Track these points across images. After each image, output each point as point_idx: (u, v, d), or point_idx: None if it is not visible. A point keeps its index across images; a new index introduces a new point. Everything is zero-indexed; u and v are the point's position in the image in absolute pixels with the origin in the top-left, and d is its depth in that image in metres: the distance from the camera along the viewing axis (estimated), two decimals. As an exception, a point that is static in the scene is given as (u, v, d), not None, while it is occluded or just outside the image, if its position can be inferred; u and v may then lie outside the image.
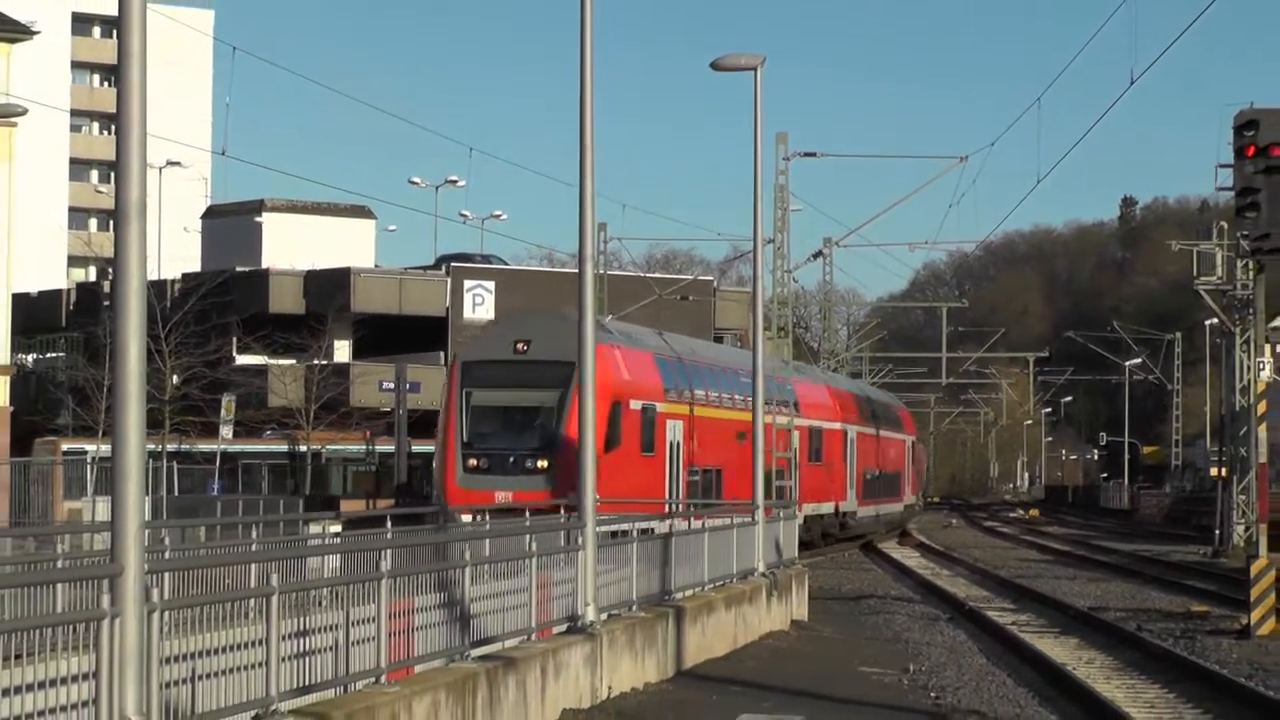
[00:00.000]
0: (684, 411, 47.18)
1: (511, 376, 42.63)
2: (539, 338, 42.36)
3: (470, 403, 42.29)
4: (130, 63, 12.69)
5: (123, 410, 12.52)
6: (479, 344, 46.33)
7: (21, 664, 11.54)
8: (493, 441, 42.02)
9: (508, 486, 40.53)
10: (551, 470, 40.50)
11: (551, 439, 41.08)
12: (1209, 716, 24.12)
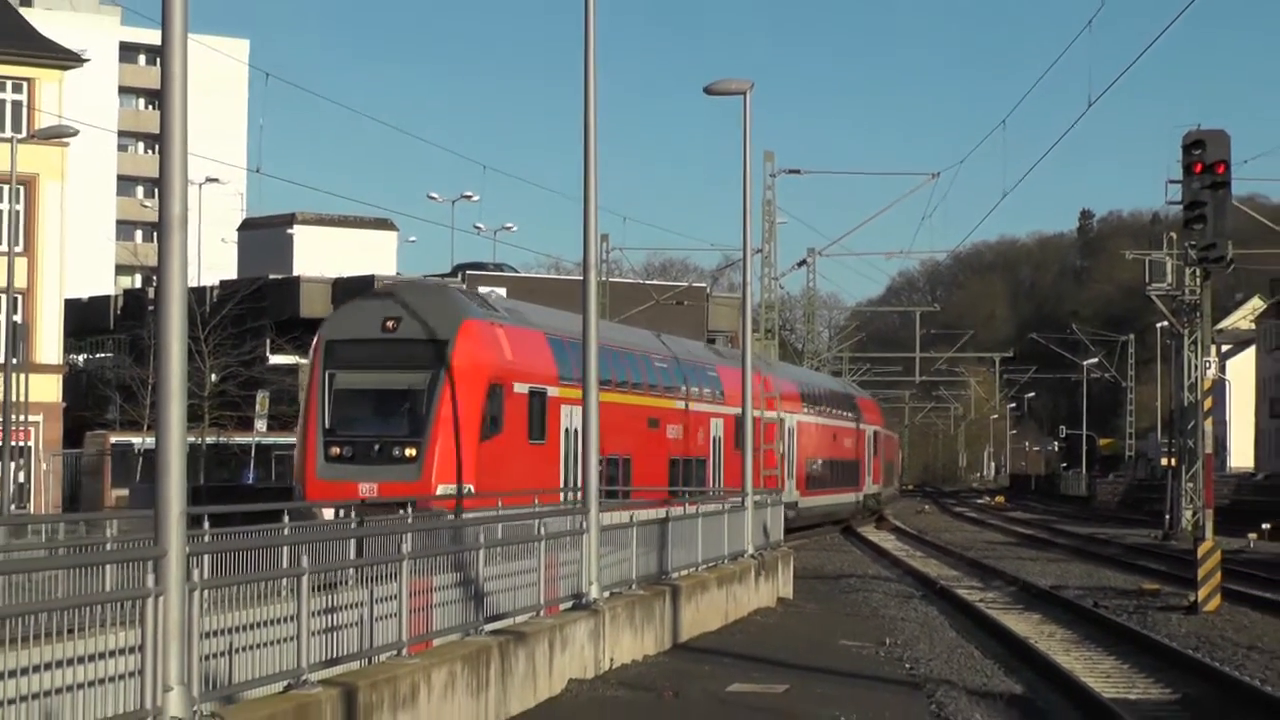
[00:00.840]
0: (580, 397, 40.49)
1: (378, 356, 35.84)
2: (410, 314, 35.67)
3: (333, 386, 35.67)
4: (172, 88, 12.71)
5: (165, 405, 12.54)
6: (344, 320, 38.17)
7: (74, 638, 11.54)
8: (357, 428, 35.20)
9: (372, 477, 34.02)
10: (420, 459, 34.24)
11: (420, 425, 34.62)
12: (1160, 685, 24.11)
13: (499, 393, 35.70)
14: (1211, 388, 48.53)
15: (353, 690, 14.84)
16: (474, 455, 34.06)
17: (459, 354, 34.56)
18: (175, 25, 12.72)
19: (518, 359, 37.05)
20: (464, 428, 34.20)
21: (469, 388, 34.51)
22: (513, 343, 36.95)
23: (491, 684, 18.26)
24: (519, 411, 36.71)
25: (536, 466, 36.64)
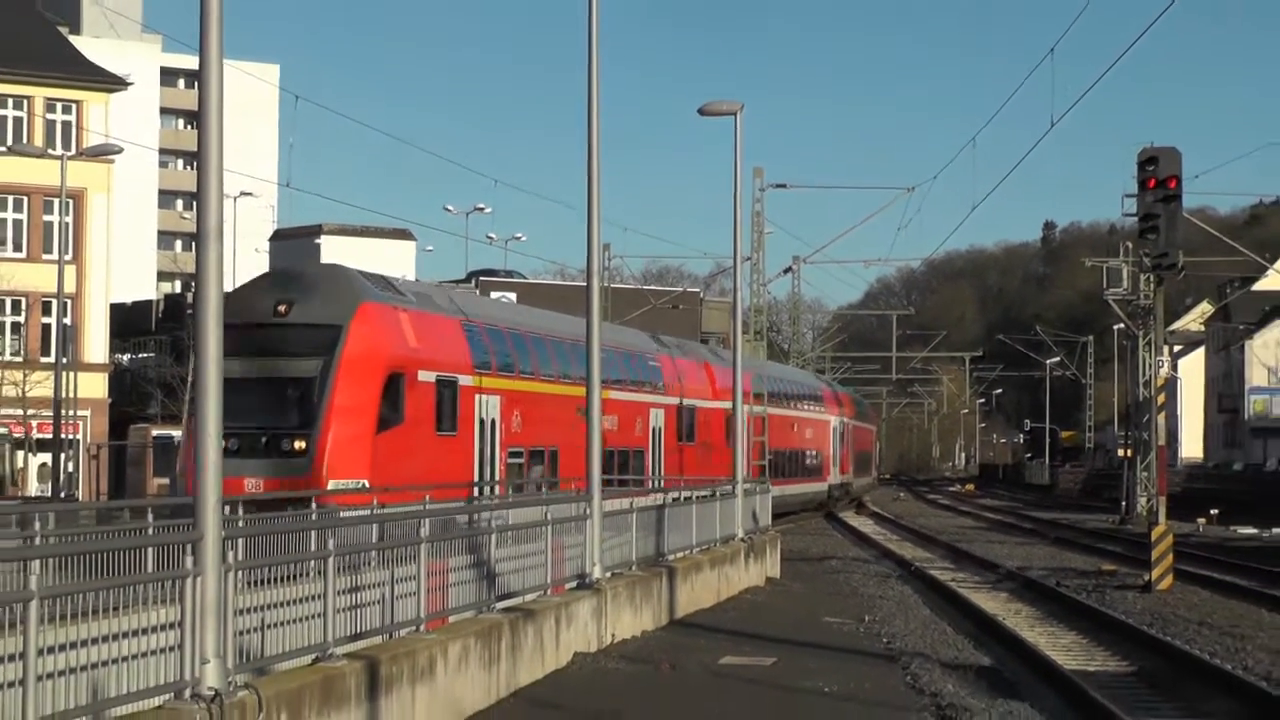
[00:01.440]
0: (502, 386, 35.33)
1: (269, 342, 30.95)
2: (303, 297, 31.32)
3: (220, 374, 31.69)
4: (209, 110, 12.72)
5: (203, 401, 12.57)
6: (234, 304, 30.91)
7: (119, 615, 11.55)
8: (244, 419, 29.31)
9: (258, 472, 29.48)
10: (310, 452, 29.68)
11: (311, 415, 30.07)
12: (1117, 658, 24.12)
13: (399, 381, 31.26)
14: (1164, 385, 48.61)
15: (375, 663, 14.86)
16: (369, 447, 30.22)
17: (354, 339, 30.48)
18: (211, 52, 12.73)
19: (424, 345, 32.83)
20: (359, 418, 30.27)
21: (365, 375, 30.53)
22: (418, 328, 32.75)
23: (502, 657, 18.28)
24: (424, 401, 32.47)
25: (445, 459, 32.27)
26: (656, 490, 35.60)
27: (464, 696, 16.97)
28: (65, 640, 10.71)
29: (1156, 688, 21.08)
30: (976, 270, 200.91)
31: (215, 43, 12.72)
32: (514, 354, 36.63)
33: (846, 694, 19.48)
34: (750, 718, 17.60)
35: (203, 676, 11.88)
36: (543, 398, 37.38)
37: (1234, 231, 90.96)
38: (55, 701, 10.44)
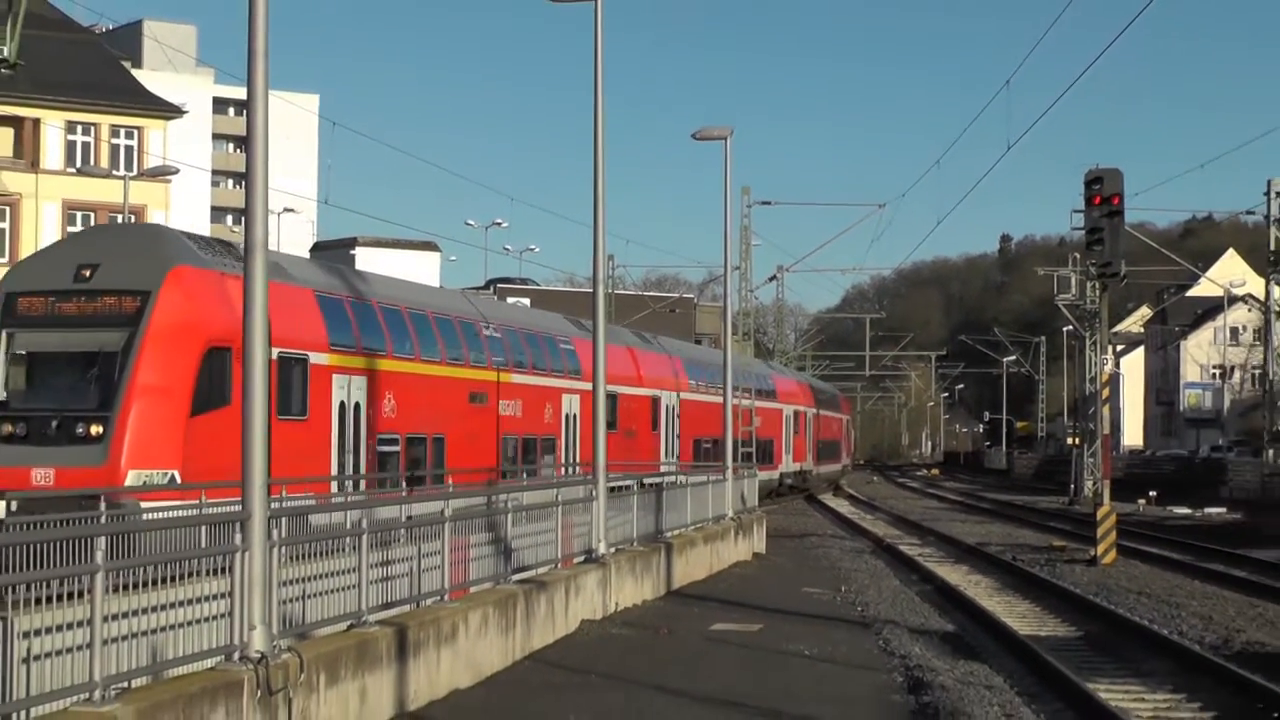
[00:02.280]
0: (370, 366, 28.30)
1: (67, 312, 24.51)
2: (110, 260, 24.65)
3: (10, 348, 24.35)
4: (255, 135, 12.72)
5: (250, 395, 12.55)
6: (31, 269, 26.22)
7: (176, 585, 11.56)
8: (37, 400, 24.09)
9: (48, 461, 23.13)
10: (107, 439, 23.10)
11: (110, 396, 23.44)
12: (1066, 624, 24.15)
13: (223, 357, 24.04)
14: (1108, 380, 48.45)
15: (404, 629, 14.86)
16: (180, 433, 23.64)
17: (164, 307, 23.85)
18: (258, 84, 12.74)
19: None
20: (168, 399, 23.77)
21: (176, 349, 24.00)
22: None
23: (518, 624, 18.28)
24: None
25: (290, 447, 24.40)
26: (575, 481, 30.49)
27: (483, 659, 16.98)
28: (128, 608, 10.72)
29: (1101, 650, 21.12)
30: (941, 278, 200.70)
31: (261, 76, 12.73)
32: (388, 332, 29.65)
33: (825, 656, 19.49)
34: (739, 678, 17.60)
35: (250, 641, 11.89)
36: (424, 381, 30.57)
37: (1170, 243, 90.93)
38: (119, 662, 10.45)
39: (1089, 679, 17.78)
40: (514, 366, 34.71)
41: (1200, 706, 16.65)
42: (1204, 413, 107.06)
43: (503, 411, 33.04)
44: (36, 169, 57.68)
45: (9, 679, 9.63)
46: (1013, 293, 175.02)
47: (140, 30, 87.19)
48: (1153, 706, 16.77)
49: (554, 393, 37.43)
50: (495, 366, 33.40)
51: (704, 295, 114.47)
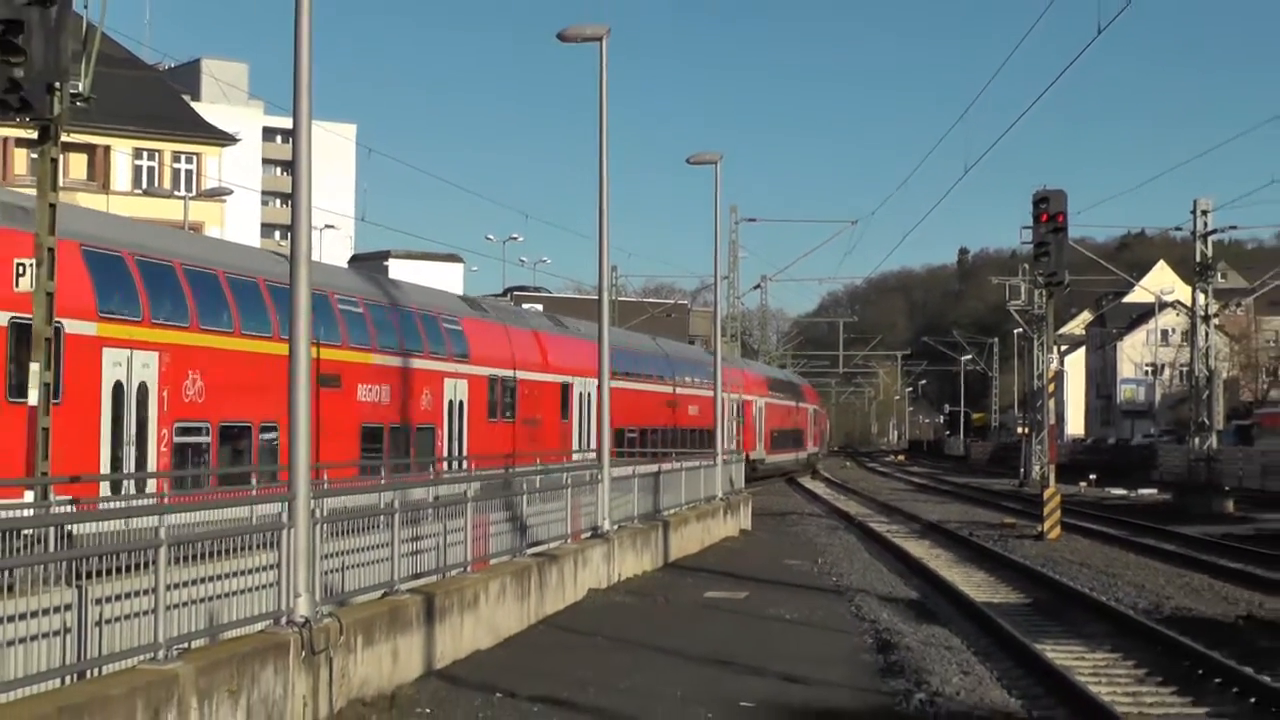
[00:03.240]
0: (164, 340, 21.48)
1: None
2: None
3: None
4: (300, 160, 12.74)
5: (295, 392, 12.56)
6: None
7: (232, 557, 11.57)
8: None
9: None
10: None
11: None
12: (1017, 592, 24.16)
13: None
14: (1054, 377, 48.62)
15: (431, 596, 14.88)
16: None
17: None
18: (302, 115, 12.75)
19: None
20: None
21: None
22: None
23: (532, 592, 18.30)
24: None
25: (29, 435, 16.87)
26: (459, 477, 25.76)
27: (502, 623, 17.00)
28: (189, 578, 10.74)
29: (1047, 615, 21.13)
30: (906, 286, 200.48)
31: (305, 109, 12.74)
32: (193, 300, 22.40)
33: (804, 620, 19.52)
34: (728, 639, 17.61)
35: (295, 607, 11.91)
36: (245, 359, 23.27)
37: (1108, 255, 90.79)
38: (180, 626, 10.47)
39: (1036, 640, 17.80)
40: (380, 347, 27.57)
41: (1134, 664, 16.67)
42: (1138, 405, 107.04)
43: (362, 397, 26.36)
44: (107, 190, 57.72)
45: (84, 639, 9.64)
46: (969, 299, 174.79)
47: (198, 68, 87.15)
48: (1092, 664, 16.79)
49: (434, 377, 29.95)
50: (354, 345, 26.45)
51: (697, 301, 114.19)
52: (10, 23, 14.93)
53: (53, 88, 15.45)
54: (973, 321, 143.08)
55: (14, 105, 15.24)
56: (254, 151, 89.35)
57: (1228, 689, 14.85)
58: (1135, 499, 54.96)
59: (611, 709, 13.02)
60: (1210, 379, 50.78)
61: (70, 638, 9.48)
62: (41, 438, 15.97)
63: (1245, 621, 19.89)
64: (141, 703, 9.41)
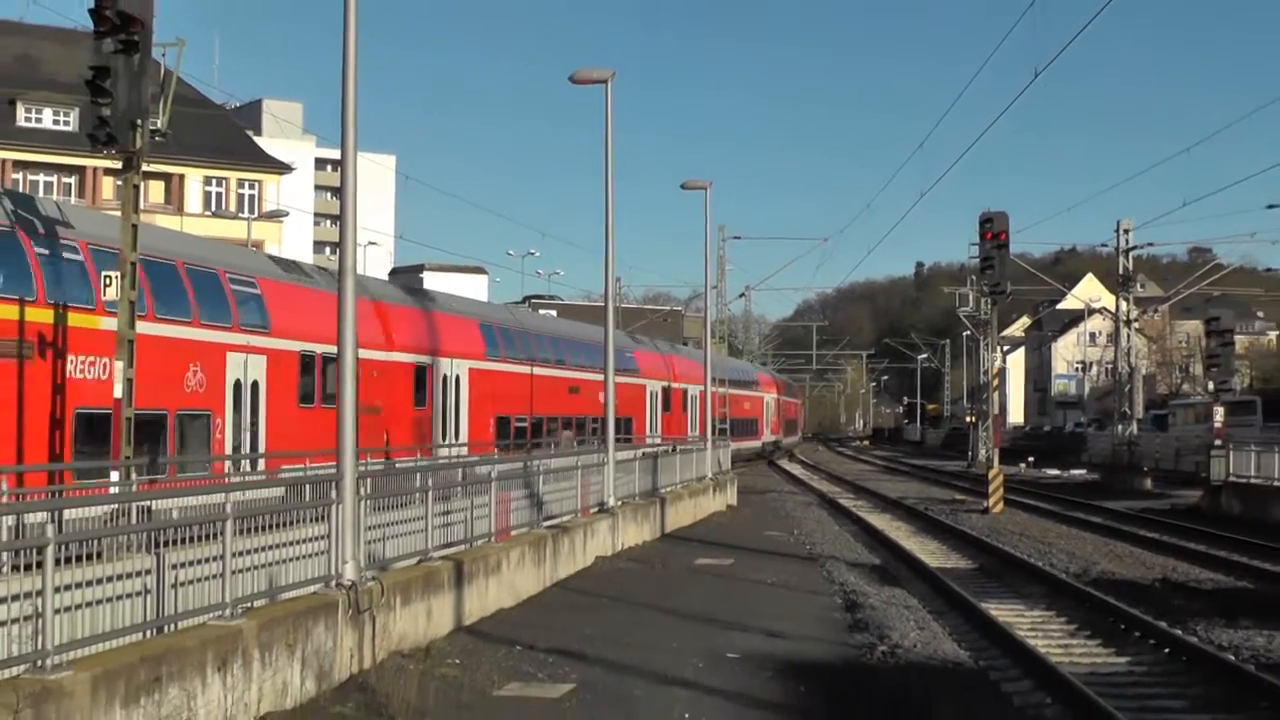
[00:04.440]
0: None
1: None
2: None
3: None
4: (347, 186, 12.76)
5: (343, 388, 12.58)
6: None
7: (288, 529, 11.59)
8: None
9: None
10: None
11: None
12: (966, 558, 24.15)
13: None
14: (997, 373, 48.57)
15: (460, 562, 14.89)
16: None
17: None
18: (349, 149, 12.77)
19: None
20: None
21: None
22: None
23: (547, 559, 18.31)
24: None
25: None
26: (241, 484, 14.82)
27: (521, 586, 17.01)
28: (251, 547, 10.75)
29: (992, 578, 21.13)
30: (870, 295, 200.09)
31: (351, 143, 12.76)
32: None
33: (782, 583, 19.52)
34: (717, 598, 17.62)
35: (343, 571, 11.93)
36: None
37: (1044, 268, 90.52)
38: (244, 588, 10.48)
39: (982, 600, 17.81)
40: (111, 309, 17.48)
41: (1066, 620, 16.68)
42: (1069, 397, 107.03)
43: (77, 373, 17.69)
44: (181, 212, 57.82)
45: (162, 599, 9.66)
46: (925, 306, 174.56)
47: (260, 107, 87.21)
48: (1030, 620, 16.80)
49: (210, 351, 20.90)
50: (62, 304, 17.47)
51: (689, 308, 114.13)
52: (100, 69, 15.04)
53: (135, 124, 15.50)
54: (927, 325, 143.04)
55: (102, 139, 15.34)
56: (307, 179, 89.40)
57: (1145, 641, 14.86)
58: (1067, 478, 54.97)
59: (616, 660, 13.04)
60: (1131, 375, 50.84)
61: (150, 598, 9.50)
62: (125, 427, 15.99)
63: (1161, 584, 19.91)
64: (211, 654, 9.44)
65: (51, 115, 56.11)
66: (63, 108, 55.30)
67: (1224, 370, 39.39)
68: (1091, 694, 11.41)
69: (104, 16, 14.89)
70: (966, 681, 12.59)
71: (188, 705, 9.02)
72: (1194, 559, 23.02)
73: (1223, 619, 16.24)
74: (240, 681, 9.78)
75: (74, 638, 8.33)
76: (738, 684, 12.00)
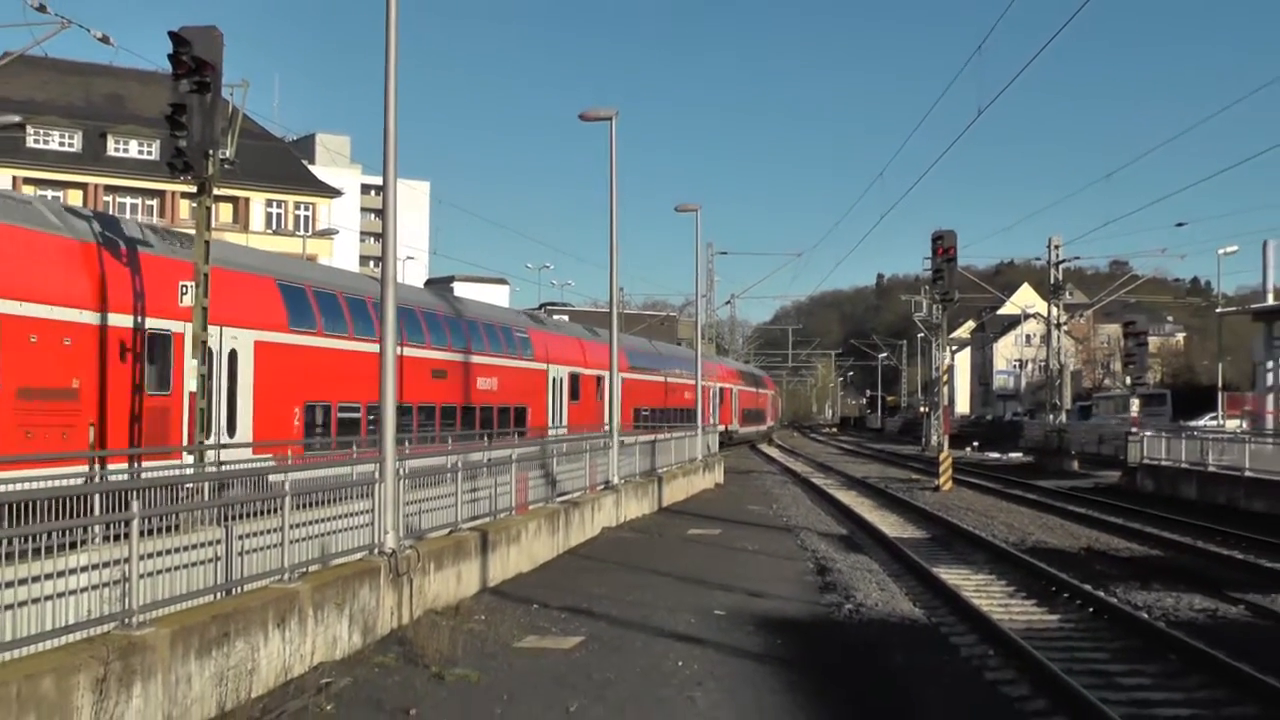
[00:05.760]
0: None
1: None
2: None
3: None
4: (388, 208, 12.73)
5: (384, 382, 12.55)
6: None
7: (336, 505, 11.58)
8: None
9: None
10: None
11: None
12: (920, 529, 24.10)
13: None
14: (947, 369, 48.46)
15: (485, 532, 14.88)
16: None
17: None
18: (390, 175, 12.75)
19: None
20: None
21: None
22: None
23: (560, 529, 18.30)
24: None
25: None
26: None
27: (538, 552, 17.00)
28: (307, 519, 10.74)
29: (942, 546, 21.10)
30: (838, 302, 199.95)
31: (392, 171, 12.74)
32: None
33: (762, 550, 19.51)
34: (706, 563, 17.61)
35: (385, 540, 11.92)
36: None
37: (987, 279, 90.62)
38: (300, 555, 10.48)
39: (934, 565, 17.78)
40: None
41: (1006, 582, 16.66)
42: (1008, 390, 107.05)
43: None
44: (246, 230, 57.83)
45: (230, 565, 9.66)
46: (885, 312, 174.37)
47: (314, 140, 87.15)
48: (975, 582, 16.78)
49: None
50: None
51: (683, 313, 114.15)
52: (177, 106, 15.07)
53: (207, 154, 15.50)
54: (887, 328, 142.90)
55: (179, 167, 15.35)
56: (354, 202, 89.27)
57: (1073, 601, 14.85)
58: (1006, 460, 54.92)
59: (619, 616, 13.03)
60: (1060, 371, 50.78)
61: (220, 564, 9.49)
62: (200, 416, 15.97)
63: (1086, 552, 19.90)
64: (272, 612, 9.43)
65: (137, 146, 56.15)
66: (146, 140, 55.35)
67: (1139, 367, 39.41)
68: (1027, 646, 11.41)
69: (181, 61, 14.91)
70: (921, 635, 12.58)
71: (252, 657, 9.02)
72: (1114, 531, 23.00)
73: (1138, 583, 16.24)
74: (297, 636, 9.77)
75: (155, 599, 8.33)
76: (724, 637, 11.99)
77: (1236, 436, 29.09)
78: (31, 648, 7.15)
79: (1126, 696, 10.14)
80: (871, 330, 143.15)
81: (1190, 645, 11.48)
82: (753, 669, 10.54)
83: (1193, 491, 29.36)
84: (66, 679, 7.03)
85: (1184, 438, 31.70)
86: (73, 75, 56.95)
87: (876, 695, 9.71)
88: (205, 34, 15.01)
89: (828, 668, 10.69)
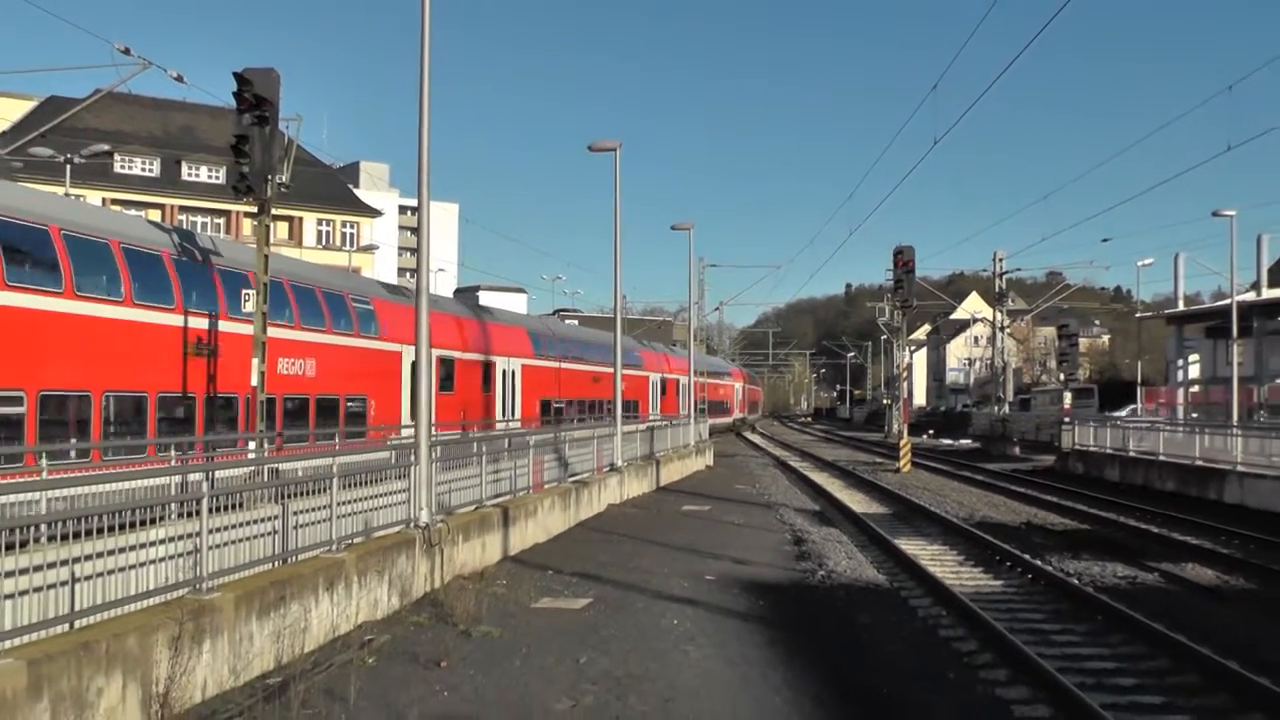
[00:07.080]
0: None
1: None
2: None
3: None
4: (423, 227, 12.73)
5: (419, 379, 12.53)
6: None
7: (376, 484, 11.59)
8: None
9: None
10: None
11: None
12: (883, 506, 24.09)
13: None
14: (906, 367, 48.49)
15: (507, 508, 14.88)
16: None
17: None
18: (424, 198, 12.75)
19: None
20: None
21: None
22: None
23: (571, 506, 18.31)
24: None
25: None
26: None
27: (552, 525, 17.00)
28: (352, 497, 10.75)
29: (902, 521, 21.09)
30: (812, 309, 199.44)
31: (426, 194, 12.75)
32: None
33: (747, 524, 19.50)
34: (698, 534, 17.61)
35: (419, 516, 11.93)
36: None
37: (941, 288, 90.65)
38: (346, 529, 10.48)
39: (895, 537, 17.79)
40: None
41: (957, 552, 16.66)
42: (959, 385, 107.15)
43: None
44: (300, 246, 57.85)
45: (286, 537, 9.68)
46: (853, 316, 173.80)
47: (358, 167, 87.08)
48: (930, 552, 16.78)
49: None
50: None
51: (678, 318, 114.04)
52: (241, 137, 15.11)
53: (267, 179, 15.51)
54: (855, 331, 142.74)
55: (242, 190, 15.38)
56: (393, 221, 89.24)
57: (1015, 569, 14.86)
58: (957, 446, 54.87)
59: (623, 580, 13.04)
60: (1004, 368, 50.76)
61: (277, 537, 9.51)
62: (261, 409, 15.95)
63: (1026, 526, 19.89)
64: (322, 578, 9.45)
65: (206, 171, 56.27)
66: (215, 166, 55.48)
67: (1071, 365, 39.41)
68: (975, 607, 11.43)
69: (244, 98, 14.95)
70: (884, 598, 12.59)
71: (305, 617, 9.03)
72: (1049, 508, 22.99)
73: (1070, 553, 16.25)
74: (343, 599, 9.79)
75: (222, 567, 8.35)
76: (714, 598, 12.01)
77: (1153, 426, 29.07)
78: (117, 610, 7.18)
79: (1059, 651, 10.17)
80: (841, 333, 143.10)
81: (1113, 607, 11.50)
82: (738, 626, 10.57)
83: (1116, 473, 29.35)
84: (147, 637, 7.06)
85: (1109, 426, 31.70)
86: (152, 110, 57.20)
87: (845, 650, 9.74)
88: (265, 75, 15.04)
89: (803, 626, 10.71)
